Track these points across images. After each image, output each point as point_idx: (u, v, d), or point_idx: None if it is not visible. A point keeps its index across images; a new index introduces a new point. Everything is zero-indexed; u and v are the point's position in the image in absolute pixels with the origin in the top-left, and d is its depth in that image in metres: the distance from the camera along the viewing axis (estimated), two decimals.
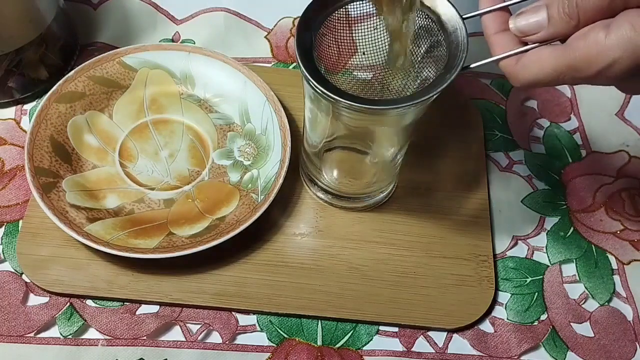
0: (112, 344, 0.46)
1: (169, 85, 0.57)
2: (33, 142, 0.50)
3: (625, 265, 0.53)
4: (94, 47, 0.61)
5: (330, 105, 0.41)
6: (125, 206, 0.51)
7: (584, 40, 0.33)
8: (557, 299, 0.51)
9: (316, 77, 0.39)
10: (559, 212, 0.55)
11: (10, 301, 0.47)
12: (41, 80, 0.56)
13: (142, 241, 0.48)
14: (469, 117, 0.59)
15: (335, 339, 0.48)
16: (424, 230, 0.52)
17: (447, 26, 0.39)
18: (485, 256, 0.51)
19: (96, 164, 0.53)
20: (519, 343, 0.49)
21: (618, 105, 0.62)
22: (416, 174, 0.55)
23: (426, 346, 0.48)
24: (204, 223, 0.50)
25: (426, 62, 0.41)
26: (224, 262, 0.49)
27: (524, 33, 0.36)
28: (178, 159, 0.54)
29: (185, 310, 0.48)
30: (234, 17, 0.64)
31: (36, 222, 0.50)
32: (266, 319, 0.48)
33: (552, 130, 0.60)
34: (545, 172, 0.57)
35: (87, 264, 0.48)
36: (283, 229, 0.51)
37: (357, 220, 0.52)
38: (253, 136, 0.55)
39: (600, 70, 0.33)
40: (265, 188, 0.51)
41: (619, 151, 0.59)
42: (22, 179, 0.52)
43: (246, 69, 0.55)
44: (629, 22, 0.32)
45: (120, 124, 0.55)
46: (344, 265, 0.50)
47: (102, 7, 0.63)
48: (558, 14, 0.35)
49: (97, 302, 0.48)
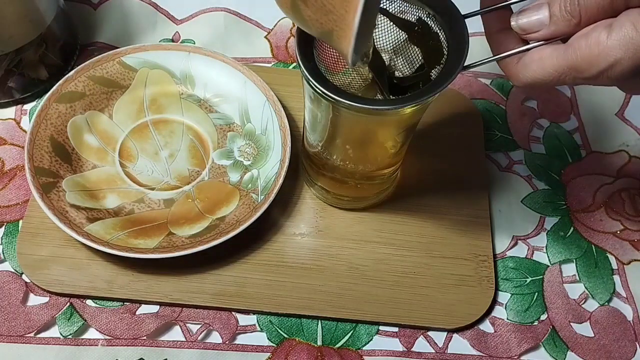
0: (112, 344, 0.46)
1: (169, 85, 0.57)
2: (33, 142, 0.50)
3: (625, 265, 0.53)
4: (94, 47, 0.61)
5: (330, 105, 0.41)
6: (125, 206, 0.51)
7: (585, 40, 0.33)
8: (557, 299, 0.51)
9: (316, 77, 0.38)
10: (559, 212, 0.55)
11: (10, 301, 0.47)
12: (41, 80, 0.56)
13: (142, 241, 0.48)
14: (469, 117, 0.59)
15: (335, 339, 0.48)
16: (424, 230, 0.52)
17: (448, 25, 0.39)
18: (485, 256, 0.51)
19: (96, 164, 0.53)
20: (519, 343, 0.49)
21: (618, 105, 0.62)
22: (416, 173, 0.55)
23: (426, 346, 0.48)
24: (204, 223, 0.50)
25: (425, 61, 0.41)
26: (224, 262, 0.49)
27: (525, 31, 0.36)
28: (178, 159, 0.54)
29: (185, 310, 0.48)
30: (234, 17, 0.64)
31: (36, 222, 0.50)
32: (266, 319, 0.48)
33: (552, 130, 0.60)
34: (545, 172, 0.57)
35: (87, 264, 0.48)
36: (283, 229, 0.51)
37: (357, 220, 0.52)
38: (253, 136, 0.55)
39: (601, 70, 0.33)
40: (265, 188, 0.51)
41: (619, 151, 0.59)
42: (22, 179, 0.52)
43: (246, 69, 0.55)
44: (631, 23, 0.32)
45: (120, 124, 0.55)
46: (344, 265, 0.50)
47: (102, 7, 0.63)
48: (560, 12, 0.34)
49: (97, 302, 0.48)
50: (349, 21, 0.32)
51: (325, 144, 0.47)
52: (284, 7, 0.36)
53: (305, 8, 0.34)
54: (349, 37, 0.33)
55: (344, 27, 0.33)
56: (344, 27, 0.33)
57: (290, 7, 0.35)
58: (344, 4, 0.32)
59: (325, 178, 0.51)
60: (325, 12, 0.33)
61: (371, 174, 0.50)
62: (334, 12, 0.33)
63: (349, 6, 0.32)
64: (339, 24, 0.33)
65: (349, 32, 0.32)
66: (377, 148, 0.48)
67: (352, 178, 0.50)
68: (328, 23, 0.33)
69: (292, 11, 0.35)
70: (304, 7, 0.34)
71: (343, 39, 0.33)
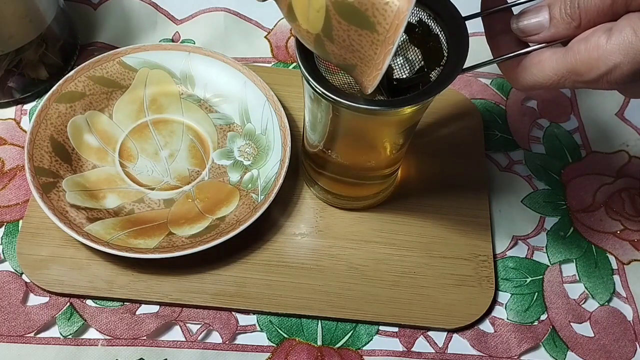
0: (112, 344, 0.46)
1: (169, 85, 0.57)
2: (33, 142, 0.50)
3: (625, 265, 0.53)
4: (94, 47, 0.61)
5: (330, 105, 0.41)
6: (125, 206, 0.51)
7: (585, 44, 0.33)
8: (557, 299, 0.51)
9: (316, 77, 0.38)
10: (559, 212, 0.55)
11: (10, 301, 0.47)
12: (41, 80, 0.56)
13: (142, 241, 0.48)
14: (469, 117, 0.59)
15: (335, 339, 0.48)
16: (424, 230, 0.52)
17: (448, 27, 0.39)
18: (485, 256, 0.51)
19: (96, 164, 0.53)
20: (519, 343, 0.49)
21: (618, 105, 0.62)
22: (416, 173, 0.55)
23: (426, 346, 0.48)
24: (204, 223, 0.50)
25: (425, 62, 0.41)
26: (224, 262, 0.49)
27: (525, 33, 0.36)
28: (178, 159, 0.54)
29: (185, 310, 0.48)
30: (234, 17, 0.64)
31: (36, 222, 0.50)
32: (266, 319, 0.48)
33: (552, 130, 0.60)
34: (545, 172, 0.57)
35: (87, 264, 0.48)
36: (283, 229, 0.51)
37: (357, 220, 0.52)
38: (253, 136, 0.55)
39: (601, 74, 0.33)
40: (265, 188, 0.51)
41: (619, 151, 0.59)
42: (22, 179, 0.52)
43: (246, 69, 0.55)
44: (630, 27, 0.32)
45: (120, 123, 0.55)
46: (344, 265, 0.50)
47: (102, 7, 0.63)
48: (560, 15, 0.34)
49: (97, 302, 0.48)
50: (376, 62, 0.33)
51: (325, 144, 0.47)
52: (306, 40, 0.36)
53: (330, 44, 0.34)
54: (373, 75, 0.33)
55: (369, 66, 0.33)
56: (370, 65, 0.33)
57: (314, 41, 0.35)
58: (373, 47, 0.32)
59: (325, 178, 0.51)
60: (351, 50, 0.33)
61: (371, 174, 0.50)
62: (360, 52, 0.33)
63: (378, 49, 0.32)
64: (364, 61, 0.33)
65: (375, 71, 0.33)
66: (377, 148, 0.48)
67: (352, 178, 0.50)
68: (352, 59, 0.34)
69: (315, 44, 0.35)
70: (328, 44, 0.34)
71: (366, 75, 0.34)
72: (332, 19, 0.33)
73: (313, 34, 0.34)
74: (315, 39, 0.35)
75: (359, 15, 0.32)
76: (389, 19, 0.30)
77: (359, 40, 0.32)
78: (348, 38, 0.33)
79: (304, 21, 0.34)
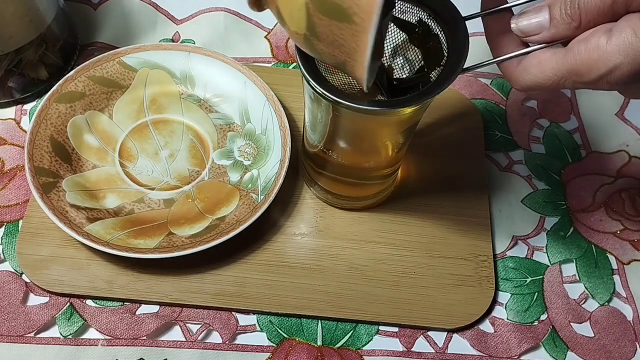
0: (112, 344, 0.46)
1: (169, 85, 0.57)
2: (33, 142, 0.50)
3: (625, 265, 0.53)
4: (94, 47, 0.61)
5: (330, 106, 0.41)
6: (125, 206, 0.51)
7: (585, 44, 0.33)
8: (557, 299, 0.51)
9: (316, 77, 0.38)
10: (559, 212, 0.55)
11: (10, 301, 0.47)
12: (41, 80, 0.56)
13: (142, 241, 0.48)
14: (469, 117, 0.59)
15: (335, 339, 0.48)
16: (424, 230, 0.52)
17: (448, 27, 0.39)
18: (485, 256, 0.51)
19: (96, 164, 0.53)
20: (519, 343, 0.49)
21: (618, 105, 0.62)
22: (416, 173, 0.55)
23: (426, 346, 0.48)
24: (204, 223, 0.50)
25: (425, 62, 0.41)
26: (224, 262, 0.49)
27: (525, 33, 0.36)
28: (178, 159, 0.54)
29: (185, 310, 0.48)
30: (234, 17, 0.64)
31: (36, 222, 0.50)
32: (266, 319, 0.48)
33: (552, 130, 0.60)
34: (545, 172, 0.57)
35: (87, 264, 0.48)
36: (283, 229, 0.51)
37: (357, 220, 0.52)
38: (253, 136, 0.55)
39: (601, 75, 0.33)
40: (265, 188, 0.51)
41: (619, 151, 0.59)
42: (22, 179, 0.52)
43: (246, 69, 0.55)
44: (630, 28, 0.32)
45: (120, 123, 0.55)
46: (344, 265, 0.50)
47: (102, 7, 0.63)
48: (560, 15, 0.34)
49: (97, 302, 0.48)
50: (360, 54, 0.33)
51: (326, 144, 0.47)
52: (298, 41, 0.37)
53: (317, 42, 0.35)
54: (361, 68, 0.33)
55: (356, 59, 0.33)
56: (357, 58, 0.33)
57: (303, 42, 0.36)
58: (354, 38, 0.32)
59: (325, 178, 0.51)
60: (336, 45, 0.34)
61: (371, 174, 0.50)
62: (345, 46, 0.33)
63: (358, 41, 0.32)
64: (351, 56, 0.34)
65: (362, 64, 0.33)
66: (377, 148, 0.48)
67: (352, 178, 0.50)
68: (340, 55, 0.34)
69: (305, 45, 0.36)
70: (316, 42, 0.35)
71: (357, 69, 0.34)
72: (313, 16, 0.33)
73: (301, 34, 0.35)
74: (304, 39, 0.35)
75: (336, 8, 0.32)
76: (363, 7, 0.31)
77: (341, 34, 0.33)
78: (331, 34, 0.33)
79: (291, 22, 0.35)
